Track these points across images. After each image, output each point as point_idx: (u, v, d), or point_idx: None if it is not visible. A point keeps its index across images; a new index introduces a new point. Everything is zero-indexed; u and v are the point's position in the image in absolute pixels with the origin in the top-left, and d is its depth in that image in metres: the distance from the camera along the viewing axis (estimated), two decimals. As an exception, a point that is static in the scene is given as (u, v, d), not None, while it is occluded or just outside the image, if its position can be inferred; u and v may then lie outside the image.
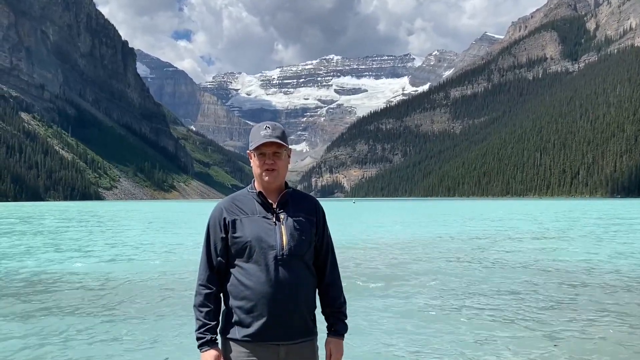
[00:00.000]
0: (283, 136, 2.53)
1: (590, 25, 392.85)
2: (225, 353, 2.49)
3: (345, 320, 2.68)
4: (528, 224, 31.43)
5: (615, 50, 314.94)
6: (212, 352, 2.45)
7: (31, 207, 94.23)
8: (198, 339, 2.48)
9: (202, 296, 2.50)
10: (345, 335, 2.53)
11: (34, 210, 71.69)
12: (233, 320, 2.46)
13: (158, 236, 23.77)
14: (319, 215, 2.62)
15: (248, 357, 2.43)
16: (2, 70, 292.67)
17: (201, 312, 2.49)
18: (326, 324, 2.66)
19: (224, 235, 2.49)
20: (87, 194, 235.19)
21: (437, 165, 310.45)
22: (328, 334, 2.64)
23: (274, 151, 2.51)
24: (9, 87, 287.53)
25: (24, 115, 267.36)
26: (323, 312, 2.67)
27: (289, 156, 2.64)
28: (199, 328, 2.48)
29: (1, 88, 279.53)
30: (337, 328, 2.63)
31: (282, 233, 2.46)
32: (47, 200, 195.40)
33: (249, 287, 2.42)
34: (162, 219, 43.30)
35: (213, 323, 2.49)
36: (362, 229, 28.17)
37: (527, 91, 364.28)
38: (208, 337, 2.46)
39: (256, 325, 2.41)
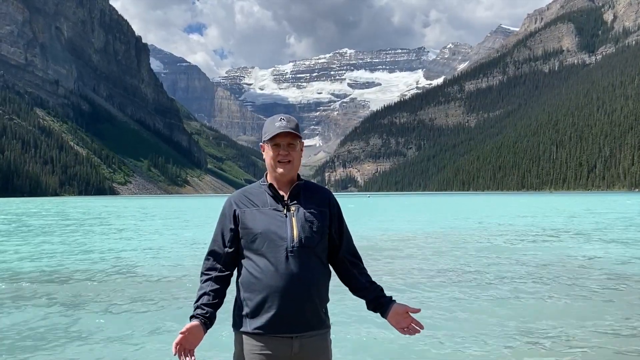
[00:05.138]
0: (297, 128, 2.53)
1: (608, 16, 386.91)
2: (238, 347, 2.50)
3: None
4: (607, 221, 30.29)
5: (634, 42, 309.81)
6: (190, 323, 2.42)
7: (49, 202, 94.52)
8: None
9: (200, 281, 2.55)
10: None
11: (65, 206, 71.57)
12: (244, 313, 2.46)
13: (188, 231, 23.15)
14: (333, 208, 2.60)
15: (261, 350, 2.42)
16: (17, 67, 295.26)
17: (197, 294, 2.53)
18: (378, 304, 2.58)
19: (233, 227, 2.51)
20: (101, 189, 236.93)
21: (452, 159, 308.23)
22: (388, 306, 2.55)
23: (289, 142, 2.51)
24: (24, 83, 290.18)
25: (38, 111, 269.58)
26: (367, 296, 2.61)
27: (302, 150, 2.63)
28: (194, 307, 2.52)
29: (16, 84, 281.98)
30: (388, 297, 2.59)
31: (292, 225, 2.45)
32: (62, 196, 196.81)
33: (260, 280, 2.42)
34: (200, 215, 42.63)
35: (199, 303, 2.48)
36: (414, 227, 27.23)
37: (542, 84, 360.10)
38: (194, 312, 2.47)
39: (267, 318, 2.40)
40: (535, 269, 11.45)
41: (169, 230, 25.50)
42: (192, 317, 2.45)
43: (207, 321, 2.46)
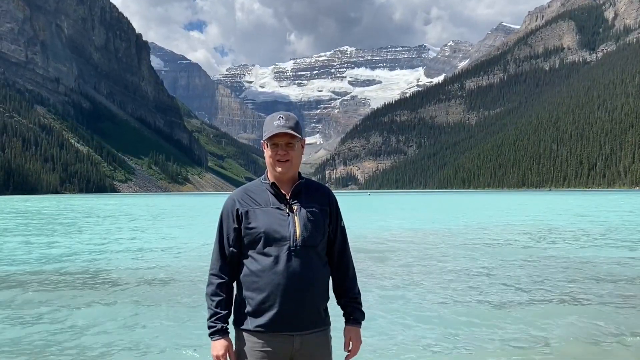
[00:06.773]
0: (297, 126, 2.51)
1: (609, 14, 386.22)
2: (239, 344, 2.49)
3: (362, 309, 2.68)
4: None
5: (634, 40, 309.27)
6: (222, 342, 2.47)
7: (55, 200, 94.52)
8: (209, 327, 2.50)
9: (214, 285, 2.51)
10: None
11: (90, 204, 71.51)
12: (246, 311, 2.47)
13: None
14: (333, 206, 2.61)
15: (262, 348, 2.43)
16: (17, 64, 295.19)
17: (213, 301, 2.50)
18: (343, 313, 2.67)
19: (236, 226, 2.50)
20: (102, 186, 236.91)
21: (452, 157, 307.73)
22: (347, 323, 2.65)
23: (287, 142, 2.50)
24: (25, 81, 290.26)
25: (39, 108, 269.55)
26: (339, 303, 2.68)
27: (303, 147, 2.62)
28: (210, 317, 2.50)
29: (17, 82, 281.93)
30: (356, 316, 2.64)
31: (295, 224, 2.45)
32: (63, 193, 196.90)
33: (262, 278, 2.42)
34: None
35: (224, 312, 2.50)
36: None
37: (543, 82, 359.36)
38: (219, 326, 2.48)
39: (269, 316, 2.41)
40: (537, 269, 11.44)
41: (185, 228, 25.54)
42: (215, 331, 2.49)
43: (228, 331, 2.53)
